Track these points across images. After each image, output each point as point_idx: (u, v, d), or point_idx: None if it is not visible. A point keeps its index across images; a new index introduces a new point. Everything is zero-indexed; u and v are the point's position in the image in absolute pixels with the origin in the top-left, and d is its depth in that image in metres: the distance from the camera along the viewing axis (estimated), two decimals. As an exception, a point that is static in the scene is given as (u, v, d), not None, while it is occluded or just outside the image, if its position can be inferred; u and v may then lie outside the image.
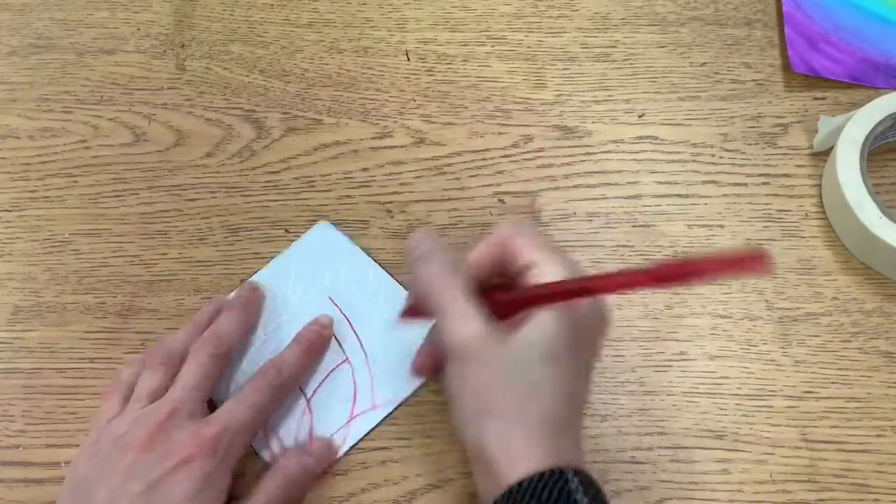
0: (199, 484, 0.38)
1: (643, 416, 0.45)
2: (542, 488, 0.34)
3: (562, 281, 0.37)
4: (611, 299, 0.41)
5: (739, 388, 0.46)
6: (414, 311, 0.44)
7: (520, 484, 0.34)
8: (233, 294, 0.49)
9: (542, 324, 0.37)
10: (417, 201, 0.52)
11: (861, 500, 0.43)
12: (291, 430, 0.45)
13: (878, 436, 0.45)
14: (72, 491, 0.40)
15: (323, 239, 0.51)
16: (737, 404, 0.46)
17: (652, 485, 0.44)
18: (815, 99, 0.55)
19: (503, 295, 0.39)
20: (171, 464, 0.38)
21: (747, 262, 0.30)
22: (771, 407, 0.46)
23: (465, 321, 0.37)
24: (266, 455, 0.44)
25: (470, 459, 0.39)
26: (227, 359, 0.45)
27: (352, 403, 0.46)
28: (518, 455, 0.36)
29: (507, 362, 0.36)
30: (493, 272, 0.40)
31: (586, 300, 0.37)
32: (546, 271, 0.37)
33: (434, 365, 0.44)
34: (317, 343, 0.47)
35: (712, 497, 0.43)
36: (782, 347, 0.47)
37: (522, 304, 0.38)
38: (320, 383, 0.46)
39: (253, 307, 0.48)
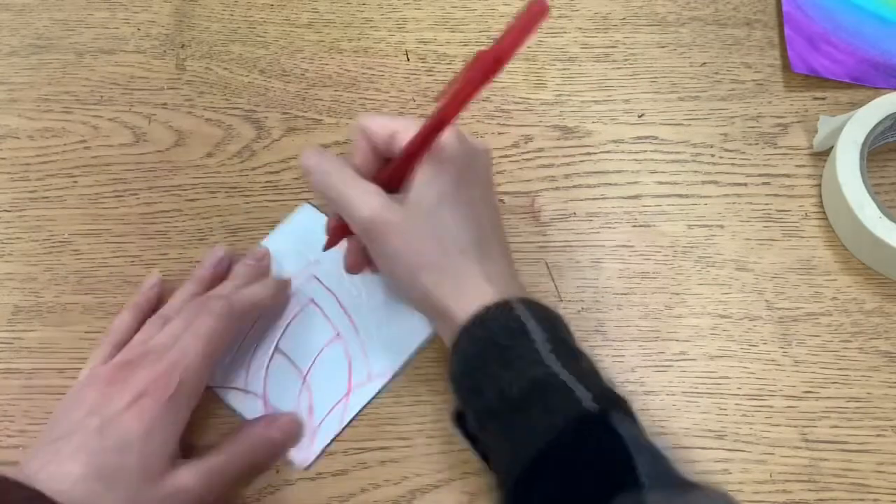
0: (151, 422, 0.39)
1: (643, 416, 0.45)
2: (490, 319, 0.38)
3: (416, 133, 0.40)
4: (486, 145, 0.44)
5: (739, 388, 0.46)
6: (334, 231, 0.46)
7: (470, 323, 0.38)
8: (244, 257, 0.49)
9: (422, 175, 0.40)
10: (417, 201, 0.52)
11: (861, 500, 0.43)
12: (292, 409, 0.46)
13: (878, 436, 0.45)
14: (45, 430, 0.41)
15: (306, 221, 0.52)
16: (737, 404, 0.46)
17: (652, 485, 0.44)
18: (815, 99, 0.55)
19: (384, 171, 0.42)
20: (126, 400, 0.39)
21: (531, 13, 0.34)
22: (771, 407, 0.46)
23: (365, 198, 0.40)
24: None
25: (429, 319, 0.43)
26: (228, 319, 0.43)
27: (348, 377, 0.47)
28: (462, 298, 0.39)
29: (411, 218, 0.40)
30: (374, 159, 0.43)
31: (448, 136, 0.40)
32: (405, 130, 0.41)
33: (360, 254, 0.46)
34: (259, 269, 0.48)
35: (712, 497, 0.43)
36: (782, 347, 0.47)
37: (401, 169, 0.41)
38: (314, 360, 0.47)
39: (258, 274, 0.48)
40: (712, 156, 0.53)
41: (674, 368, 0.47)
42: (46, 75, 0.58)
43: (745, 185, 0.52)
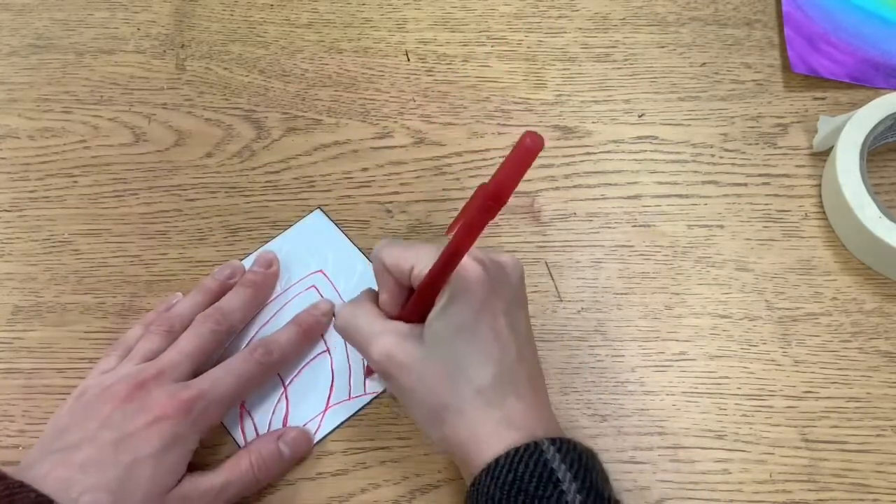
0: (166, 443, 0.39)
1: (643, 416, 0.45)
2: (519, 462, 0.35)
3: (431, 268, 0.38)
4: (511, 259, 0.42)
5: (739, 388, 0.46)
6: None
7: (495, 463, 0.36)
8: (250, 260, 0.49)
9: (438, 307, 0.39)
10: (417, 201, 0.52)
11: (861, 500, 0.43)
12: (267, 416, 0.46)
13: (878, 436, 0.45)
14: (50, 434, 0.41)
15: (316, 226, 0.51)
16: (737, 404, 0.46)
17: (652, 485, 0.44)
18: (815, 99, 0.55)
19: (408, 304, 0.41)
20: (145, 420, 0.39)
21: (526, 144, 0.31)
22: (771, 407, 0.46)
23: (379, 339, 0.39)
24: (238, 436, 0.45)
25: (452, 458, 0.41)
26: (227, 336, 0.46)
27: (328, 394, 0.46)
28: (481, 443, 0.37)
29: (425, 356, 0.38)
30: (402, 292, 0.42)
31: (468, 263, 0.39)
32: (422, 262, 0.39)
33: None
34: (314, 328, 0.47)
35: (712, 497, 0.43)
36: (782, 347, 0.47)
37: (421, 302, 0.40)
38: (299, 371, 0.47)
39: (264, 288, 0.48)
40: (712, 156, 0.53)
41: (674, 368, 0.47)
42: (46, 75, 0.58)
43: (745, 185, 0.52)
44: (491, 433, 0.37)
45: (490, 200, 0.34)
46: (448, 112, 0.55)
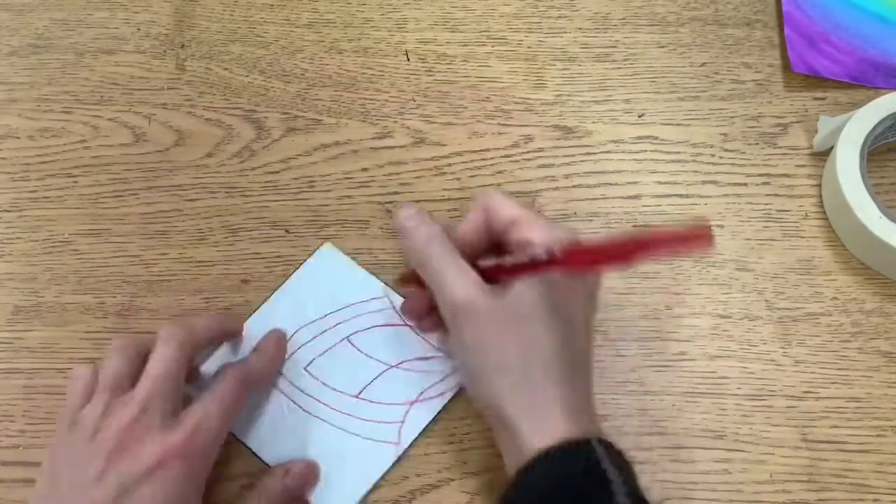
0: (173, 492, 0.37)
1: (643, 416, 0.45)
2: (571, 457, 0.35)
3: (532, 258, 0.38)
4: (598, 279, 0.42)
5: (739, 388, 0.46)
6: (408, 280, 0.45)
7: (547, 454, 0.35)
8: (253, 316, 0.48)
9: (523, 289, 0.38)
10: (417, 201, 0.52)
11: (861, 500, 0.43)
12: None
13: (878, 436, 0.45)
14: (48, 483, 0.39)
15: (329, 263, 0.50)
16: (737, 404, 0.46)
17: (652, 485, 0.44)
18: (815, 99, 0.55)
19: (488, 264, 0.40)
20: (145, 466, 0.37)
21: (691, 238, 0.32)
22: (771, 407, 0.46)
23: (461, 278, 0.39)
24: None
25: (489, 422, 0.40)
26: (195, 350, 0.42)
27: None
28: (536, 420, 0.36)
29: (504, 315, 0.38)
30: (483, 238, 0.41)
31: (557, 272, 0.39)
32: (528, 222, 0.39)
33: (423, 307, 0.45)
34: (278, 354, 0.46)
35: (712, 497, 0.43)
36: (782, 347, 0.47)
37: (515, 271, 0.39)
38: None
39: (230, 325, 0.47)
40: (712, 156, 0.53)
41: (674, 368, 0.47)
42: (46, 75, 0.58)
43: (745, 185, 0.52)
44: (547, 411, 0.36)
45: (635, 254, 0.34)
46: (448, 112, 0.55)
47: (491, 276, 0.39)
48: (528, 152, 0.54)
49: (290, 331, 0.48)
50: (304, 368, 0.47)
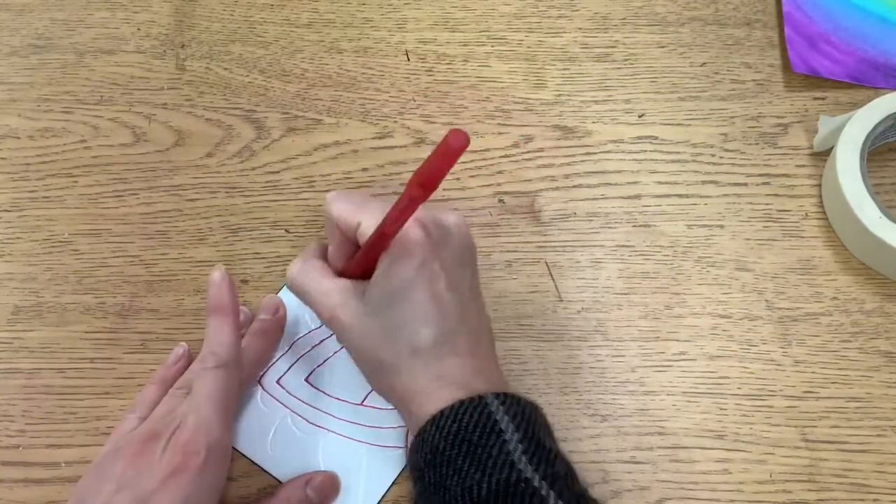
0: (186, 499, 0.37)
1: (643, 416, 0.46)
2: (463, 413, 0.36)
3: (371, 234, 0.39)
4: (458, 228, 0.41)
5: (739, 388, 0.46)
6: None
7: (440, 414, 0.36)
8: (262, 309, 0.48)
9: (379, 270, 0.39)
10: (417, 201, 0.52)
11: (861, 500, 0.43)
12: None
13: (878, 436, 0.45)
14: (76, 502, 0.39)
15: None
16: (737, 404, 0.46)
17: (652, 485, 0.44)
18: (815, 99, 0.55)
19: (352, 262, 0.42)
20: (159, 477, 0.38)
21: (452, 142, 0.33)
22: (771, 407, 0.46)
23: (326, 298, 0.40)
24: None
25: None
26: (232, 370, 0.42)
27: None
28: (420, 400, 0.37)
29: (365, 316, 0.39)
30: (350, 246, 0.42)
31: (410, 227, 0.39)
32: (367, 223, 0.40)
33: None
34: (272, 329, 0.47)
35: (712, 497, 0.43)
36: (782, 347, 0.47)
37: (365, 261, 0.40)
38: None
39: (273, 334, 0.47)
40: (712, 156, 0.53)
41: (674, 368, 0.47)
42: (46, 75, 0.58)
43: (745, 185, 0.52)
44: (428, 390, 0.37)
45: (416, 190, 0.35)
46: (448, 112, 0.55)
47: (361, 274, 0.40)
48: (528, 152, 0.54)
49: (288, 341, 0.48)
50: (305, 380, 0.47)
